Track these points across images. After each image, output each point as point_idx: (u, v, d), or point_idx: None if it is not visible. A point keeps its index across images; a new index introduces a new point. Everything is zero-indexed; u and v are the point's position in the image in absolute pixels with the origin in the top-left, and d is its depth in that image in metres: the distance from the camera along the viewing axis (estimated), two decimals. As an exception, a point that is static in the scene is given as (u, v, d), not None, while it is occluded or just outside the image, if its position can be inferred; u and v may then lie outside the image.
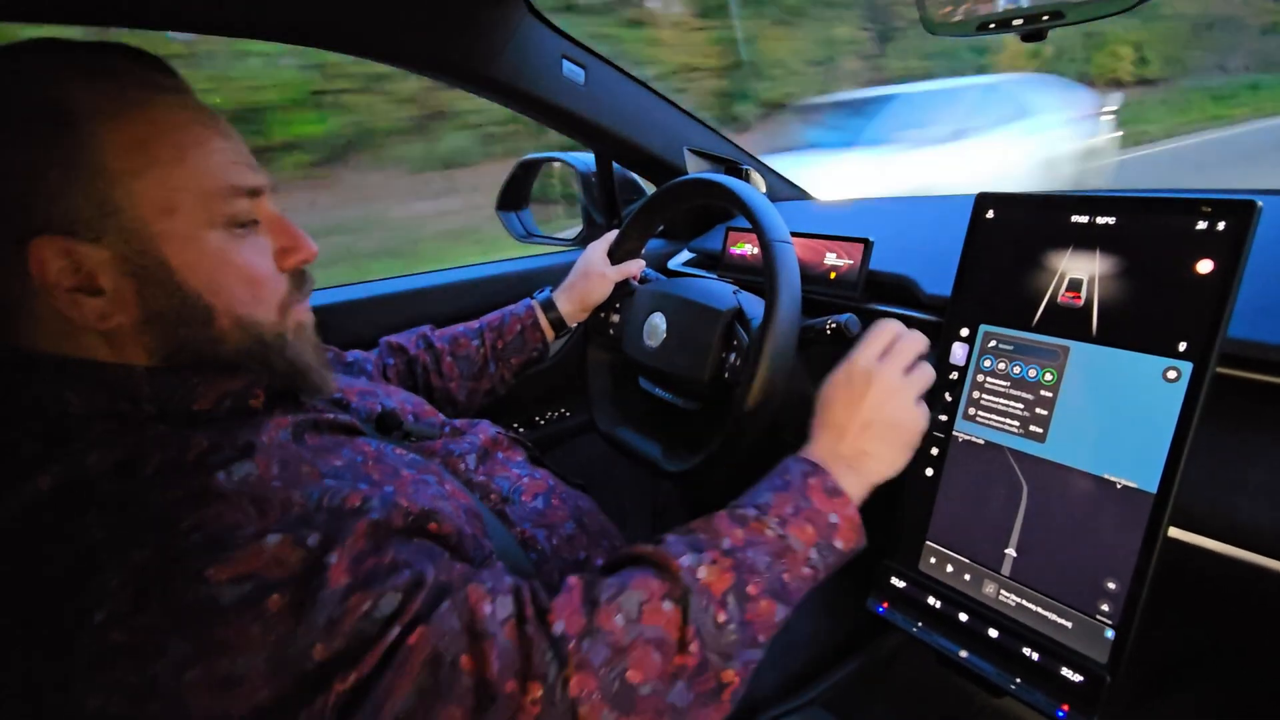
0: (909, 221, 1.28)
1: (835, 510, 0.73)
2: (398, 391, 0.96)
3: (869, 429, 0.79)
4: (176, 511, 0.53)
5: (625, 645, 0.60)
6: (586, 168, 1.67)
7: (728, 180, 1.08)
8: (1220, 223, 0.68)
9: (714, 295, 1.14)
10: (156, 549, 0.51)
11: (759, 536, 0.69)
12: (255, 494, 0.56)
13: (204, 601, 0.50)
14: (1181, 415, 0.68)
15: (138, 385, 0.62)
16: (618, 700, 0.58)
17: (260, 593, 0.51)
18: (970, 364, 0.85)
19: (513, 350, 1.21)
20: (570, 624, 0.60)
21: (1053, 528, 0.76)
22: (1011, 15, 0.78)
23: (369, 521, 0.58)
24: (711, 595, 0.64)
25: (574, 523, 0.90)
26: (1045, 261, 0.80)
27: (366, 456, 0.70)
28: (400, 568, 0.57)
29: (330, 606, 0.53)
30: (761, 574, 0.67)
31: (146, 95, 0.61)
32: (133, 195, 0.59)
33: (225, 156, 0.65)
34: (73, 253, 0.58)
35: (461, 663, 0.55)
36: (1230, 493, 0.69)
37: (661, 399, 1.22)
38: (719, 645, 0.63)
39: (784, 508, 0.72)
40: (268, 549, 0.53)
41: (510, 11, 1.23)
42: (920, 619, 0.85)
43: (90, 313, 0.60)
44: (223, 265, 0.65)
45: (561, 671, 0.57)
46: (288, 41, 1.13)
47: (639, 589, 0.63)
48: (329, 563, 0.54)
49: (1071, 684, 0.71)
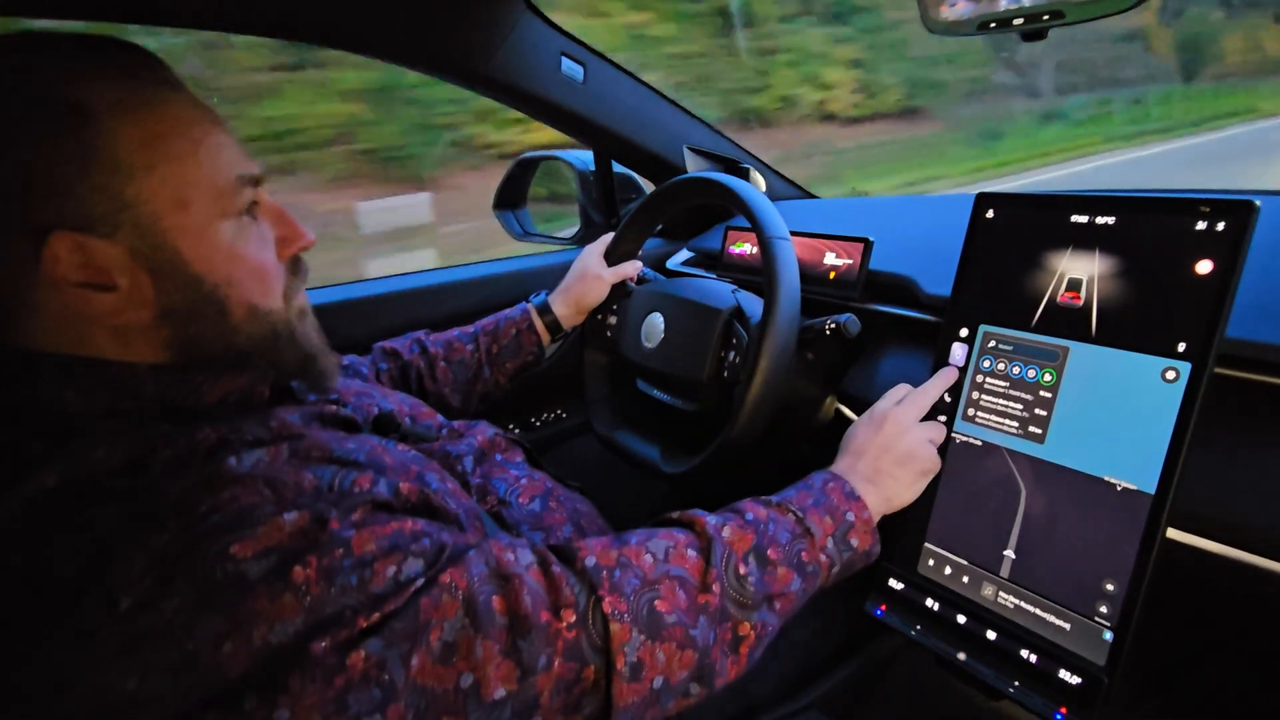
0: (909, 221, 1.28)
1: (852, 510, 0.78)
2: (394, 393, 0.96)
3: (886, 453, 0.84)
4: (192, 497, 0.54)
5: (654, 579, 0.65)
6: (585, 166, 1.67)
7: (725, 178, 1.08)
8: (1219, 223, 0.68)
9: (712, 294, 1.13)
10: (177, 532, 0.51)
11: (781, 515, 0.75)
12: (268, 477, 0.57)
13: (232, 577, 0.51)
14: (1180, 416, 0.68)
15: (141, 383, 0.62)
16: (647, 625, 0.62)
17: (287, 563, 0.52)
18: (969, 364, 0.85)
19: (508, 355, 1.20)
20: (602, 557, 0.65)
21: (1051, 529, 0.75)
22: (1012, 15, 0.78)
23: (381, 500, 0.61)
24: (733, 550, 0.69)
25: (572, 525, 0.89)
26: (1045, 261, 0.79)
27: (374, 446, 0.70)
28: (420, 535, 0.59)
29: (359, 570, 0.54)
30: (781, 545, 0.72)
31: (158, 91, 0.62)
32: (147, 191, 0.59)
33: (230, 149, 0.65)
34: (87, 248, 0.58)
35: (494, 603, 0.58)
36: (1229, 493, 0.68)
37: (660, 401, 1.22)
38: (739, 595, 0.68)
39: (804, 500, 0.77)
40: (287, 524, 0.54)
41: (508, 8, 1.23)
42: (919, 621, 0.84)
43: (103, 309, 0.60)
44: (234, 257, 0.65)
45: (593, 594, 0.62)
46: (285, 38, 1.13)
47: (665, 538, 0.69)
48: (349, 536, 0.55)
49: (1070, 686, 0.71)
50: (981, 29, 0.82)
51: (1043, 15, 0.76)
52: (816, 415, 1.10)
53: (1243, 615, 0.79)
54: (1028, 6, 0.77)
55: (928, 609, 0.84)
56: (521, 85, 1.32)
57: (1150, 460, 0.69)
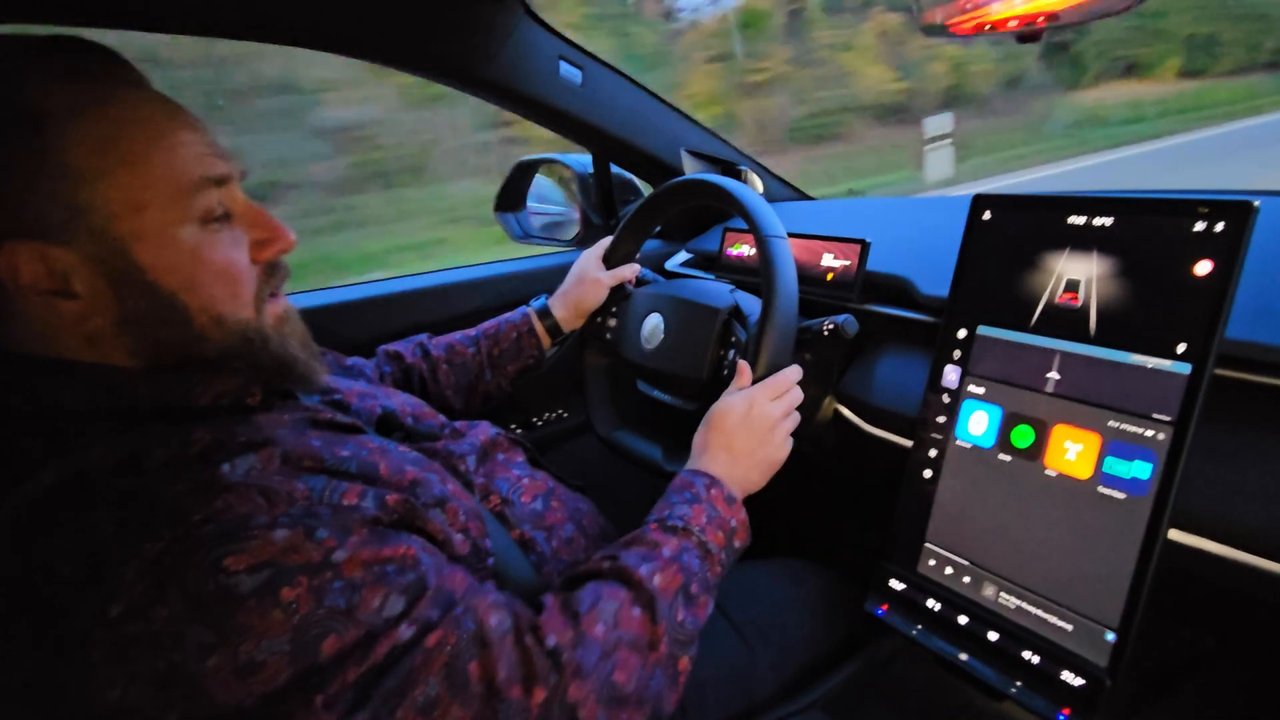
0: (906, 223, 1.28)
1: (734, 516, 0.84)
2: (397, 394, 0.96)
3: (752, 449, 0.89)
4: (187, 504, 0.53)
5: (609, 648, 0.67)
6: (584, 169, 1.67)
7: (722, 180, 1.08)
8: (1218, 223, 0.68)
9: (711, 294, 1.14)
10: (171, 540, 0.51)
11: (688, 542, 0.78)
12: (261, 485, 0.57)
13: (224, 589, 0.51)
14: (1180, 417, 0.68)
15: (134, 384, 0.62)
16: (609, 699, 0.65)
17: (279, 579, 0.52)
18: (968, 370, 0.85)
19: (509, 358, 1.20)
20: (561, 636, 0.65)
21: (1053, 529, 0.75)
22: (1007, 17, 0.78)
23: (368, 518, 0.60)
24: (668, 596, 0.72)
25: (573, 524, 0.90)
26: (1042, 263, 0.79)
27: (371, 451, 0.70)
28: (406, 567, 0.59)
29: (345, 595, 0.54)
30: (696, 574, 0.76)
31: (108, 90, 0.60)
32: (101, 196, 0.58)
33: (192, 149, 0.63)
34: (46, 256, 0.57)
35: (472, 670, 0.59)
36: (1229, 494, 0.68)
37: (660, 401, 1.22)
38: (680, 636, 0.72)
39: (700, 518, 0.81)
40: (280, 540, 0.54)
41: (508, 13, 1.23)
42: (919, 622, 0.84)
43: (68, 316, 0.60)
44: (197, 263, 0.63)
45: (561, 679, 0.62)
46: (285, 43, 1.13)
47: (611, 599, 0.70)
48: (339, 559, 0.56)
49: (1072, 687, 0.71)
50: (976, 31, 0.82)
51: (1038, 17, 0.76)
52: (815, 415, 1.10)
53: (1245, 616, 0.79)
54: (1023, 9, 0.77)
55: (929, 609, 0.84)
56: (521, 89, 1.32)
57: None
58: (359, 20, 1.13)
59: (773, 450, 0.90)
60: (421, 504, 0.67)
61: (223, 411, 0.67)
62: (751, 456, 0.89)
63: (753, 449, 0.89)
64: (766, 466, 0.90)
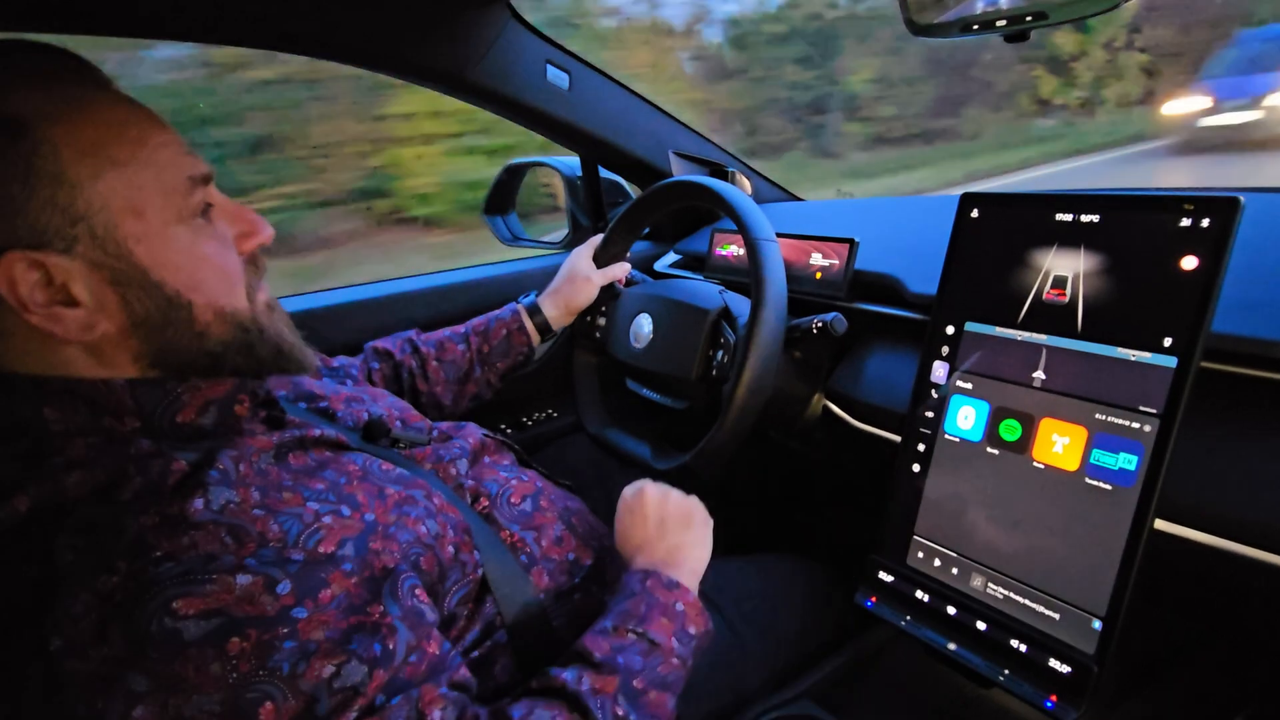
0: (894, 221, 1.30)
1: (678, 599, 0.78)
2: (384, 396, 0.96)
3: (666, 529, 0.86)
4: (150, 538, 0.52)
5: None
6: (572, 171, 1.67)
7: (711, 181, 1.09)
8: (1204, 219, 0.69)
9: (700, 295, 1.14)
10: (126, 576, 0.50)
11: (623, 641, 0.73)
12: (233, 523, 0.55)
13: (167, 634, 0.49)
14: (1166, 410, 0.69)
15: (119, 399, 0.61)
16: None
17: (226, 631, 0.51)
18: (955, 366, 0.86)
19: (498, 355, 1.20)
20: None
21: (1040, 521, 0.76)
22: (995, 16, 0.79)
23: (341, 574, 0.58)
24: (605, 696, 0.67)
25: (563, 524, 0.90)
26: (1030, 259, 0.81)
27: (351, 476, 0.70)
28: (374, 638, 0.57)
29: (293, 659, 0.52)
30: (640, 671, 0.71)
31: (87, 94, 0.60)
32: (98, 200, 0.58)
33: (171, 149, 0.63)
34: (45, 266, 0.56)
35: None
36: (1215, 484, 0.69)
37: (649, 399, 1.23)
38: None
39: (636, 610, 0.76)
40: (238, 587, 0.52)
41: (494, 17, 1.24)
42: (909, 612, 0.85)
43: (73, 325, 0.58)
44: (195, 260, 0.64)
45: None
46: (273, 49, 1.13)
47: (545, 711, 0.65)
48: (298, 616, 0.54)
49: (1059, 675, 0.72)
50: (964, 31, 0.83)
51: (1025, 16, 0.78)
52: (804, 412, 1.11)
53: (1230, 604, 0.81)
54: (1010, 8, 0.78)
55: (918, 600, 0.85)
56: (507, 93, 1.33)
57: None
58: (344, 26, 1.13)
59: (673, 508, 0.88)
60: (402, 548, 0.65)
61: (209, 427, 0.66)
62: (664, 528, 0.86)
63: (658, 520, 0.87)
64: (687, 525, 0.88)
